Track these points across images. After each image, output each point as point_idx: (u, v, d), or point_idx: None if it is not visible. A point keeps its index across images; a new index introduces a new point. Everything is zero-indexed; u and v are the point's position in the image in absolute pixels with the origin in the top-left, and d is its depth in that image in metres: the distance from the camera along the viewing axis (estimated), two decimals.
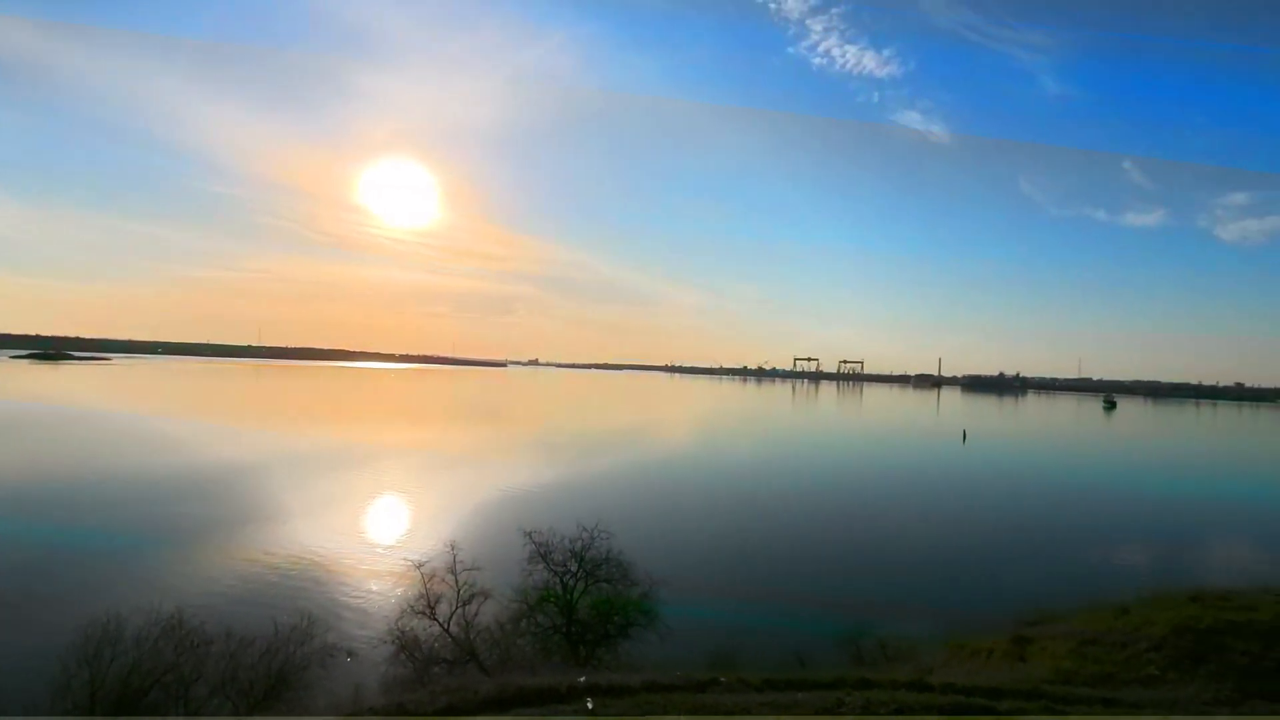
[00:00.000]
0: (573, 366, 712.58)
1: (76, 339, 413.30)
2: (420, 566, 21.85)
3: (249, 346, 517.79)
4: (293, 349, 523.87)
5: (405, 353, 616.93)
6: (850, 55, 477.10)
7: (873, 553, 40.78)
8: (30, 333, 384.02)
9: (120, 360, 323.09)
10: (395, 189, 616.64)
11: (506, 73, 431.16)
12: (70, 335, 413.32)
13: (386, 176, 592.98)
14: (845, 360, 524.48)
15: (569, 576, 22.04)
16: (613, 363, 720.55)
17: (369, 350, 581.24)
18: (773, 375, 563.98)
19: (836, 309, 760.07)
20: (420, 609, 20.64)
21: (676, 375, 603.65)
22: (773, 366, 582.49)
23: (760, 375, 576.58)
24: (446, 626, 20.35)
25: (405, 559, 26.87)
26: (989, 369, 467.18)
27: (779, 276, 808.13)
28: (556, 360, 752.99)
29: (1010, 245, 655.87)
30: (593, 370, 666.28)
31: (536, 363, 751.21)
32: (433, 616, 20.48)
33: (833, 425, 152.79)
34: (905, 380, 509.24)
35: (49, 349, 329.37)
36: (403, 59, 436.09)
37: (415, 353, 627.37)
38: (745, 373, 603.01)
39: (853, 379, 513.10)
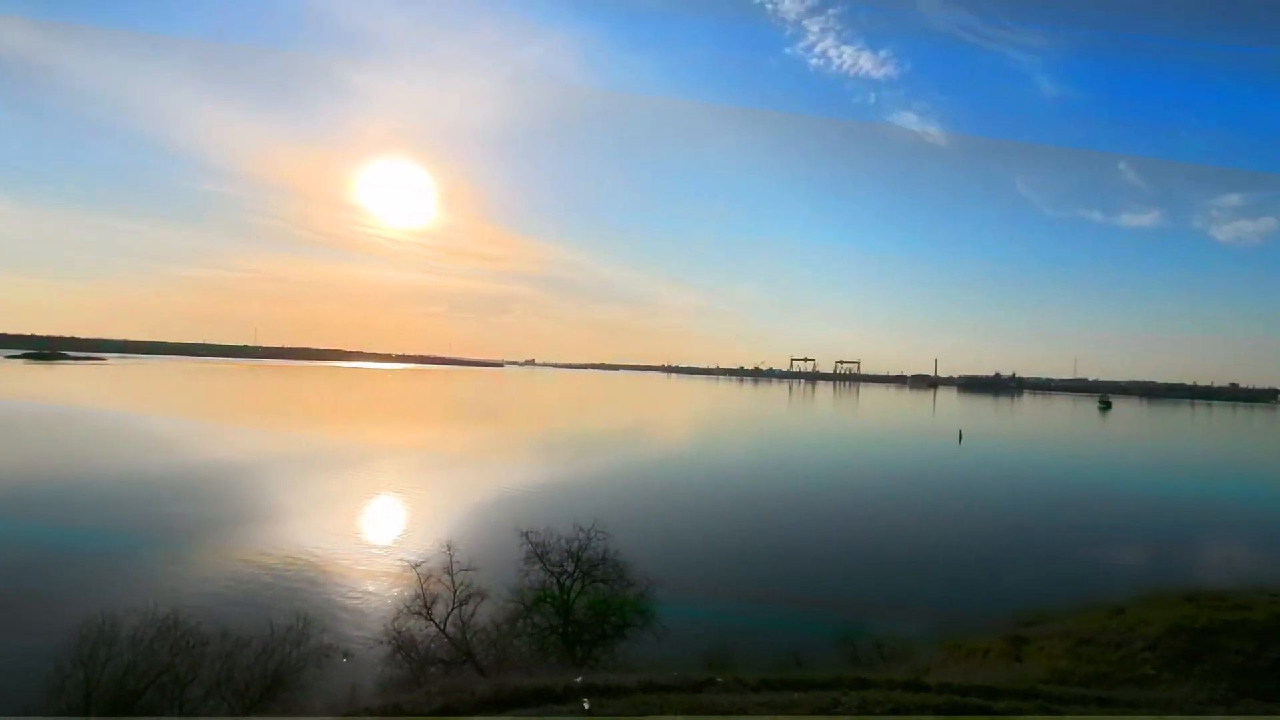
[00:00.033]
0: (570, 367, 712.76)
1: (71, 339, 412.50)
2: (416, 567, 21.79)
3: (244, 346, 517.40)
4: (288, 349, 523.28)
5: (401, 353, 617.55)
6: (847, 56, 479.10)
7: (869, 553, 40.81)
8: (25, 333, 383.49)
9: (115, 360, 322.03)
10: (391, 188, 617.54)
11: (504, 72, 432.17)
12: (65, 335, 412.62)
13: (382, 176, 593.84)
14: (842, 360, 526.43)
15: (565, 577, 22.03)
16: (610, 363, 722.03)
17: (365, 350, 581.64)
18: (769, 376, 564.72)
19: (833, 309, 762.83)
20: (416, 609, 20.60)
21: (673, 375, 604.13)
22: (769, 367, 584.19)
23: (757, 376, 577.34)
24: (443, 627, 20.32)
25: (401, 559, 26.81)
26: (985, 369, 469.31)
27: (776, 277, 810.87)
28: (553, 360, 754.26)
29: (1006, 246, 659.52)
30: (590, 370, 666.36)
31: (533, 363, 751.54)
32: (429, 617, 20.45)
33: (829, 425, 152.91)
34: (901, 380, 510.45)
35: (43, 349, 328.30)
36: (399, 58, 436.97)
37: (411, 353, 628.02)
38: (742, 373, 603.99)
39: (849, 379, 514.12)
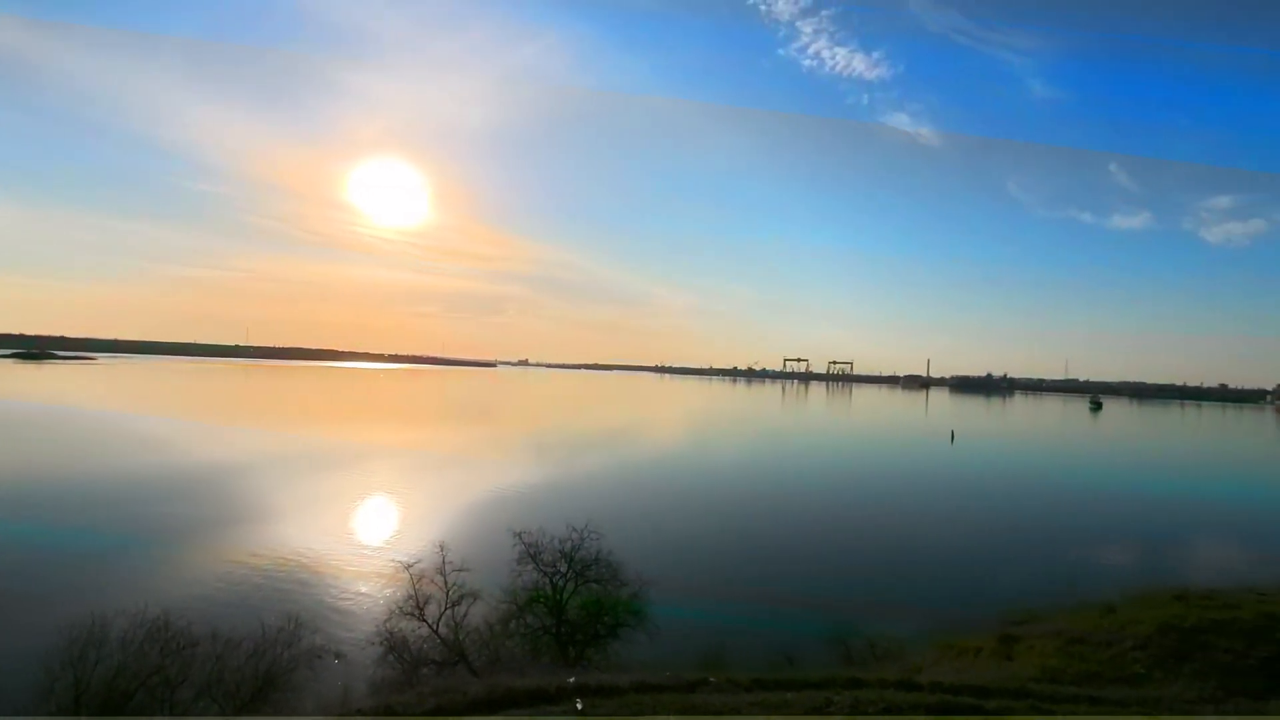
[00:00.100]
0: (563, 367, 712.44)
1: (60, 338, 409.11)
2: (409, 567, 21.74)
3: (237, 346, 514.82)
4: (281, 349, 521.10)
5: (394, 353, 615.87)
6: (840, 57, 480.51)
7: (862, 553, 40.91)
8: (13, 332, 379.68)
9: (105, 360, 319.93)
10: (384, 188, 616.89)
11: (498, 72, 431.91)
12: (54, 335, 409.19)
13: (375, 176, 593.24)
14: (835, 361, 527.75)
15: (558, 577, 22.00)
16: (603, 363, 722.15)
17: (358, 350, 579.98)
18: (762, 376, 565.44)
19: (826, 310, 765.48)
20: (409, 610, 20.54)
21: (666, 376, 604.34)
22: (762, 367, 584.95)
23: (750, 376, 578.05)
24: (435, 628, 20.27)
25: (394, 560, 26.77)
26: (977, 370, 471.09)
27: (769, 277, 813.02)
28: (546, 361, 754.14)
29: (998, 247, 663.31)
30: (583, 371, 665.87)
31: (526, 363, 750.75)
32: (421, 618, 20.39)
33: (822, 426, 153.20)
34: (894, 381, 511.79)
35: (32, 349, 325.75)
36: (393, 58, 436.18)
37: (404, 353, 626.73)
38: (735, 373, 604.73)
39: (842, 380, 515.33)
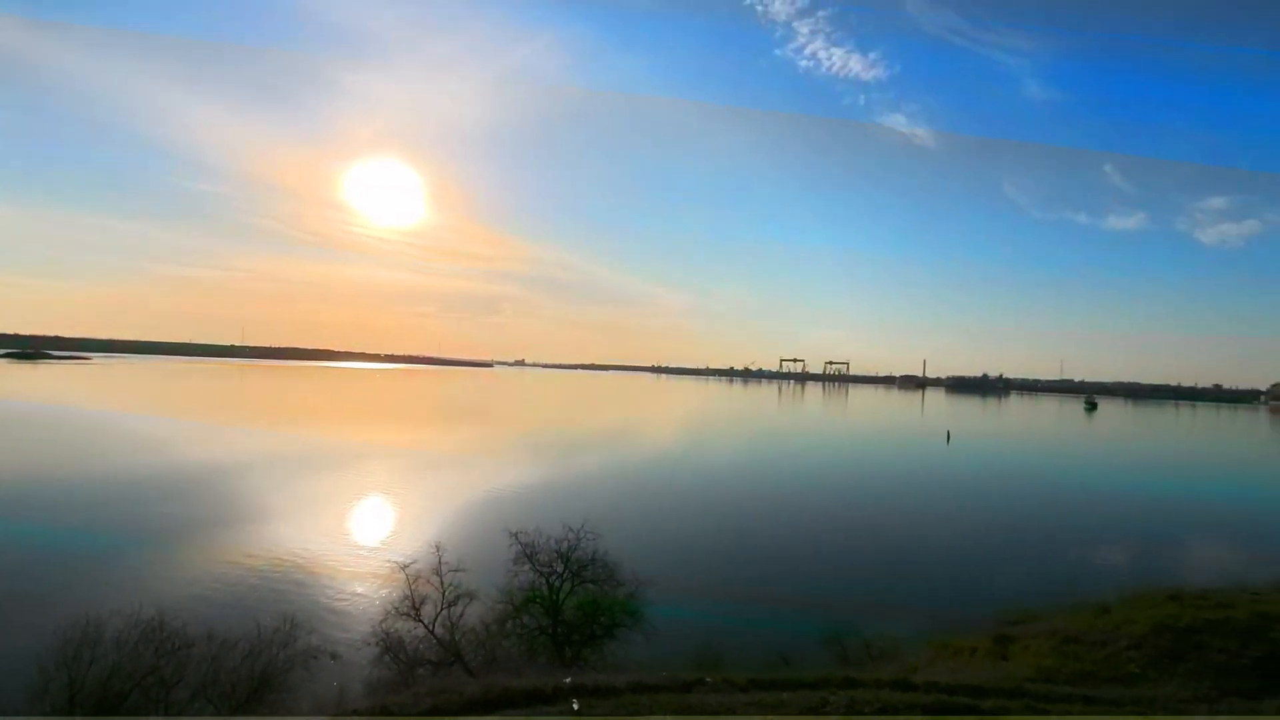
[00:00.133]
0: (559, 367, 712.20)
1: (55, 338, 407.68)
2: (405, 568, 21.69)
3: (232, 346, 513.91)
4: (277, 349, 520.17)
5: (390, 353, 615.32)
6: (836, 58, 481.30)
7: (857, 553, 40.98)
8: (8, 332, 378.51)
9: (100, 360, 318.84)
10: (381, 188, 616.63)
11: (494, 72, 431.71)
12: (49, 335, 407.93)
13: (372, 175, 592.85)
14: (831, 361, 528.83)
15: (555, 577, 21.98)
16: (600, 363, 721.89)
17: (354, 350, 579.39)
18: (759, 376, 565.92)
19: (823, 310, 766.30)
20: (405, 610, 20.51)
21: (663, 376, 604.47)
22: (759, 367, 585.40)
23: (746, 376, 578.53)
24: (431, 628, 20.24)
25: (390, 560, 26.71)
26: (973, 370, 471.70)
27: (766, 278, 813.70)
28: (543, 361, 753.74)
29: (994, 247, 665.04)
30: (580, 371, 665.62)
31: (523, 363, 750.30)
32: (417, 618, 20.36)
33: (818, 426, 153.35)
34: (890, 381, 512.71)
35: (26, 348, 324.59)
36: (390, 58, 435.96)
37: (401, 353, 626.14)
38: (731, 374, 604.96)
39: (838, 380, 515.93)
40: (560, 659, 20.42)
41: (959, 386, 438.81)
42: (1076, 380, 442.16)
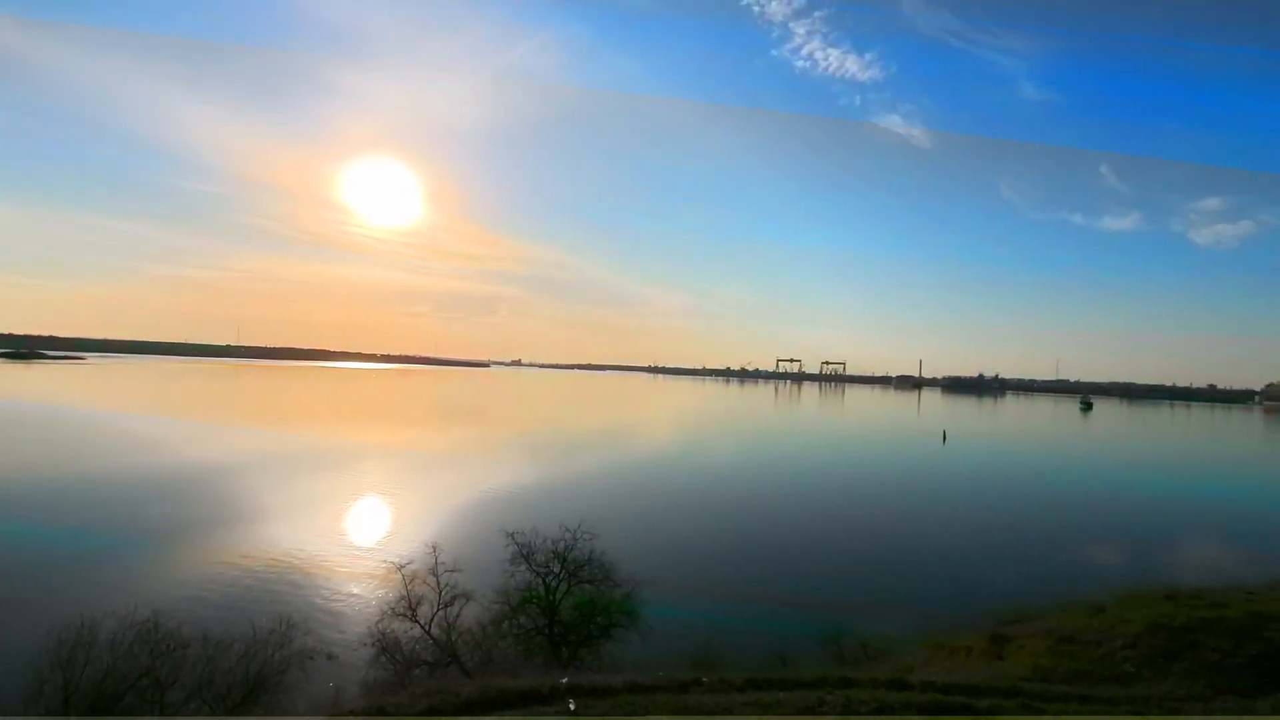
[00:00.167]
0: (556, 367, 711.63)
1: (50, 338, 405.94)
2: (401, 568, 21.65)
3: (228, 346, 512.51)
4: (272, 349, 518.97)
5: (386, 353, 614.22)
6: (833, 58, 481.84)
7: (854, 553, 41.03)
8: (2, 331, 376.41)
9: (94, 360, 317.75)
10: (377, 188, 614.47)
11: (491, 72, 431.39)
12: (43, 335, 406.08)
13: (368, 175, 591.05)
14: (828, 361, 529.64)
15: (551, 577, 21.98)
16: (596, 363, 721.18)
17: (350, 350, 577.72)
18: (755, 376, 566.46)
19: (819, 310, 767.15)
20: (401, 611, 20.48)
21: (660, 376, 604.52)
22: (755, 367, 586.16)
23: (743, 376, 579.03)
24: (428, 628, 20.22)
25: (386, 561, 26.67)
26: (969, 370, 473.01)
27: (762, 278, 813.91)
28: (540, 361, 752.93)
29: (990, 248, 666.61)
30: (576, 371, 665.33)
31: (519, 363, 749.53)
32: (414, 618, 20.34)
33: (814, 426, 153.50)
34: (887, 381, 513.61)
35: (20, 348, 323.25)
36: (386, 57, 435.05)
37: (396, 353, 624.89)
38: (728, 374, 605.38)
39: (835, 380, 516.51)
40: (557, 659, 20.42)
41: (955, 386, 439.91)
42: (1072, 380, 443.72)
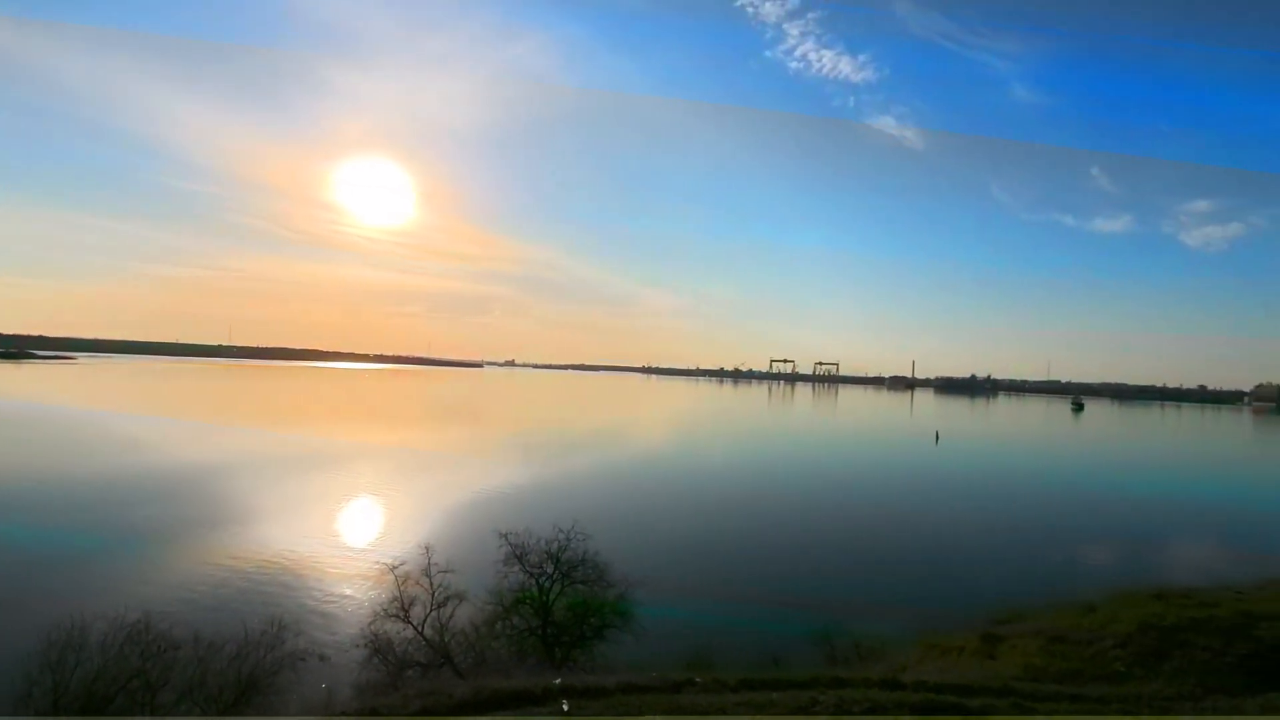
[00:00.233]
0: (549, 367, 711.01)
1: (40, 338, 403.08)
2: (394, 569, 21.59)
3: (219, 346, 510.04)
4: (264, 349, 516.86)
5: (379, 353, 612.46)
6: (826, 60, 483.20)
7: (847, 553, 41.12)
8: None
9: (85, 359, 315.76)
10: (370, 187, 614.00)
11: (485, 71, 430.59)
12: (33, 334, 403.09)
13: (361, 175, 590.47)
14: (821, 362, 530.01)
15: (545, 578, 21.94)
16: (590, 364, 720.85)
17: (342, 350, 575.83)
18: (749, 377, 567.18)
19: (812, 311, 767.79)
20: (394, 612, 20.42)
21: (653, 376, 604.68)
22: (749, 368, 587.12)
23: (736, 377, 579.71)
24: (420, 629, 20.16)
25: (379, 561, 26.54)
26: (961, 371, 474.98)
27: (756, 278, 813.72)
28: (533, 361, 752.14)
29: (982, 249, 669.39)
30: (569, 371, 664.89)
31: (513, 363, 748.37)
32: (407, 619, 20.27)
33: (808, 426, 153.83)
34: (879, 382, 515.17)
35: (10, 348, 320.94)
36: (380, 57, 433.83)
37: (389, 353, 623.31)
38: (722, 374, 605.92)
39: (828, 381, 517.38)
40: (550, 660, 20.39)
41: (947, 387, 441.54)
42: (1063, 381, 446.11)
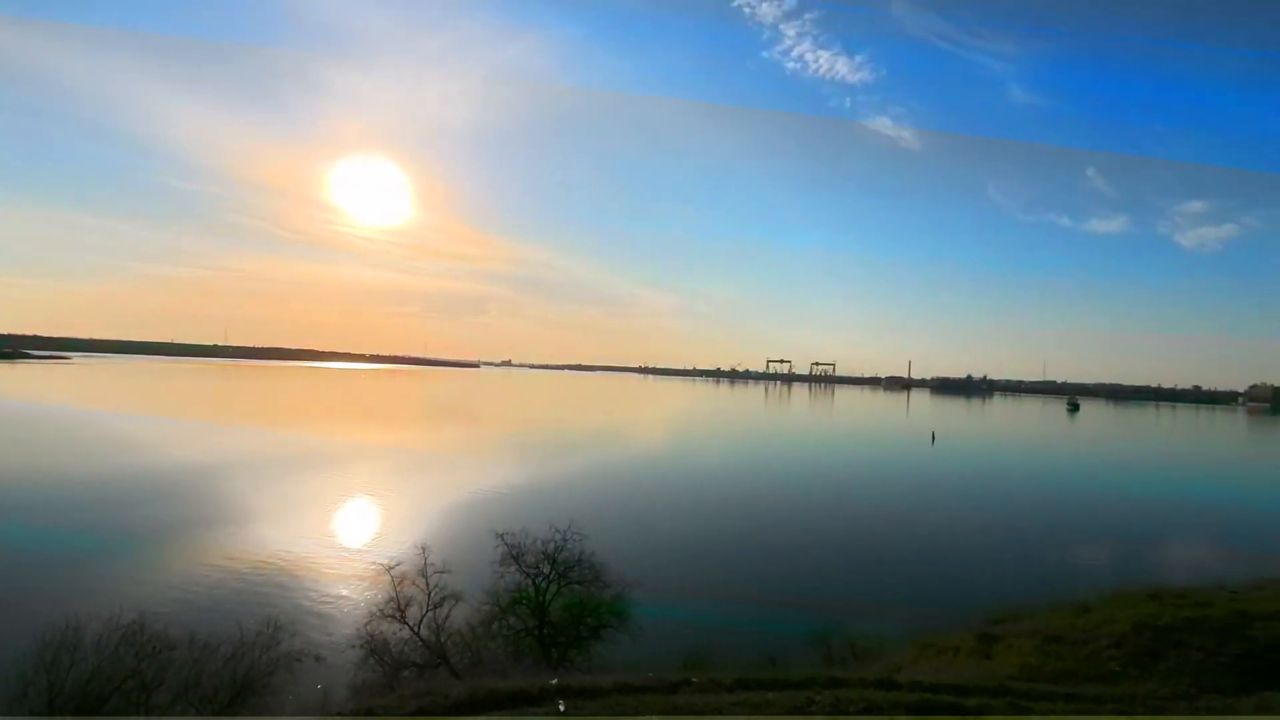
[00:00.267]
0: (546, 368, 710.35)
1: (34, 337, 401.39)
2: (390, 569, 21.57)
3: (214, 346, 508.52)
4: (260, 349, 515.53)
5: (375, 353, 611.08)
6: (823, 61, 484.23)
7: (843, 553, 41.18)
8: None
9: (80, 359, 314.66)
10: (366, 187, 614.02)
11: (482, 71, 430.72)
12: (28, 334, 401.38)
13: (358, 174, 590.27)
14: (817, 362, 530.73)
15: (541, 578, 21.92)
16: (586, 364, 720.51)
17: (338, 350, 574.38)
18: (745, 377, 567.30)
19: (809, 311, 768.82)
20: (390, 612, 20.39)
21: (650, 376, 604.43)
22: (745, 368, 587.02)
23: (733, 377, 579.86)
24: (417, 630, 20.13)
25: (375, 562, 26.54)
26: (957, 371, 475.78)
27: (753, 278, 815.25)
28: (530, 361, 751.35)
29: (978, 249, 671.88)
30: (566, 371, 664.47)
31: (509, 364, 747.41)
32: (403, 620, 20.24)
33: (804, 427, 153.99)
34: (876, 382, 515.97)
35: (4, 347, 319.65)
36: (378, 57, 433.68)
37: (385, 353, 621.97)
38: (718, 374, 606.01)
39: (824, 381, 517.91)
40: (546, 660, 20.37)
41: (943, 387, 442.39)
42: (1059, 381, 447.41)
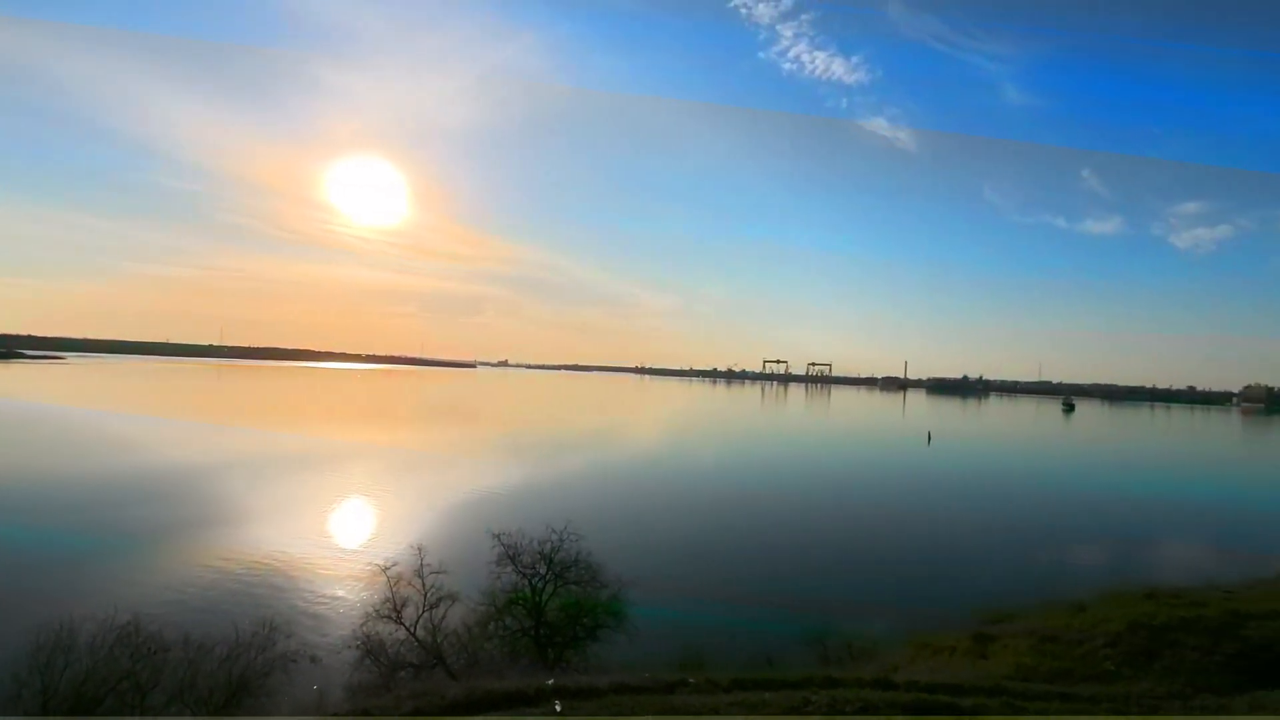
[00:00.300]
0: (543, 368, 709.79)
1: (28, 337, 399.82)
2: (386, 570, 21.51)
3: (210, 346, 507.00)
4: (256, 349, 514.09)
5: (371, 353, 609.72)
6: (819, 61, 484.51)
7: (839, 553, 41.21)
8: None
9: (74, 359, 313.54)
10: (362, 187, 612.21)
11: (478, 71, 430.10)
12: (21, 334, 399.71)
13: (353, 174, 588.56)
14: (814, 363, 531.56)
15: (538, 579, 21.90)
16: (583, 364, 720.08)
17: (334, 350, 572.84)
18: (742, 377, 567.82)
19: (806, 311, 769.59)
20: (386, 613, 20.35)
21: (646, 377, 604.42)
22: (742, 368, 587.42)
23: (730, 377, 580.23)
24: (413, 630, 20.10)
25: (371, 562, 26.46)
26: (953, 371, 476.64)
27: (749, 278, 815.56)
28: (526, 362, 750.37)
29: (974, 250, 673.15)
30: (563, 372, 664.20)
31: (506, 364, 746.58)
32: (399, 620, 20.21)
33: (800, 427, 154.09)
34: (872, 382, 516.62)
35: None
36: (374, 56, 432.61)
37: (382, 353, 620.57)
38: (715, 374, 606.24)
39: (821, 381, 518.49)
40: (543, 661, 20.35)
41: (939, 388, 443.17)
42: (1054, 382, 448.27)
